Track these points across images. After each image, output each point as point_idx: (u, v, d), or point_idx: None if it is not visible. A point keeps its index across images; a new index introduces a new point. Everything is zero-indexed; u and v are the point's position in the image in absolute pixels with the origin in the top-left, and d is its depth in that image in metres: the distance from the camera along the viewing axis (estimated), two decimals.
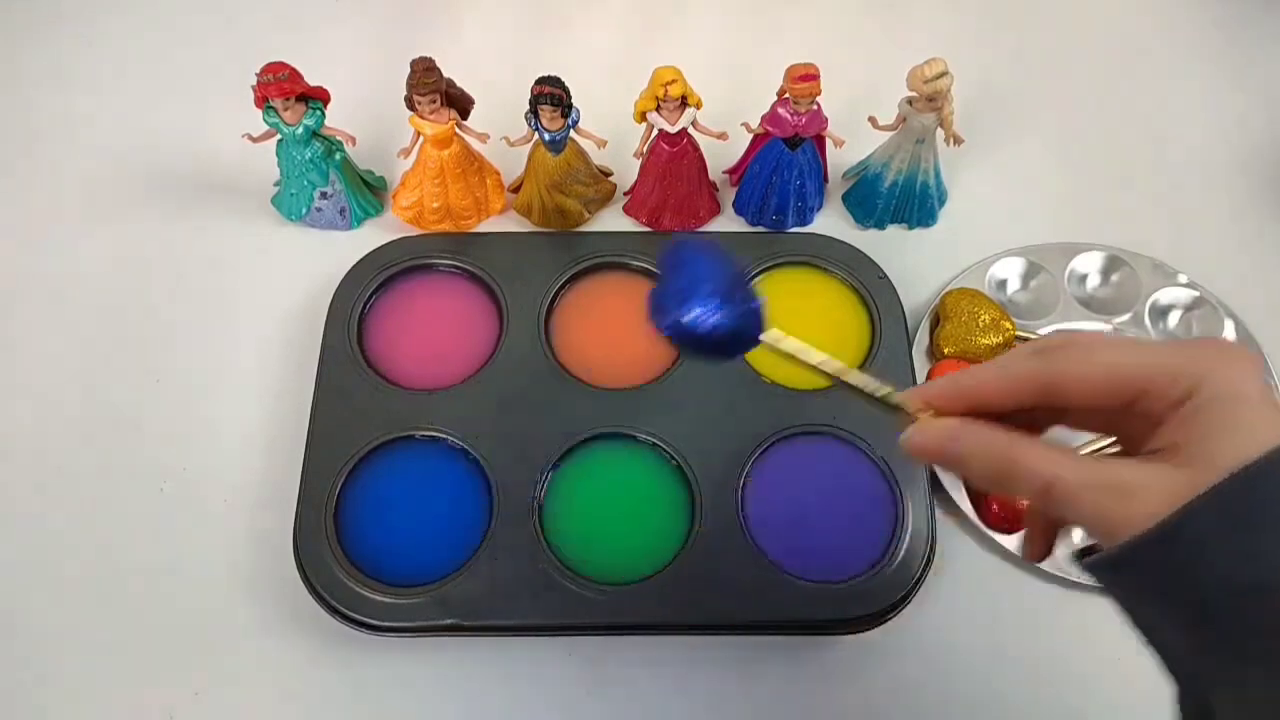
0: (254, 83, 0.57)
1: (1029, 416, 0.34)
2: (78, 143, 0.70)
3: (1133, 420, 0.32)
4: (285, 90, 0.57)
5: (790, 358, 0.38)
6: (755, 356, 0.58)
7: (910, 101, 0.59)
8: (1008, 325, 0.59)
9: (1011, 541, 0.55)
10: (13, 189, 0.68)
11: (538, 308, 0.60)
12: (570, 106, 0.58)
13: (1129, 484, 0.31)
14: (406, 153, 0.61)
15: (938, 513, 0.55)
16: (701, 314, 0.37)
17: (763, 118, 0.60)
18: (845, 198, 0.67)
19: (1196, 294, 0.62)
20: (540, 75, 0.57)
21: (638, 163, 0.63)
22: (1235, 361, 0.31)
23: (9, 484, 0.57)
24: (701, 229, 0.65)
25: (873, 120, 0.61)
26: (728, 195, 0.66)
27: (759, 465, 0.55)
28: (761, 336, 0.38)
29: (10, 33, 0.75)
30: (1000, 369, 0.34)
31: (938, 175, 0.64)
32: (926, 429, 0.35)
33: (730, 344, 0.38)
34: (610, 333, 0.60)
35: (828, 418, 0.56)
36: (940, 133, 0.61)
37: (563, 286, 0.61)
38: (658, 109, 0.58)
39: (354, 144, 0.62)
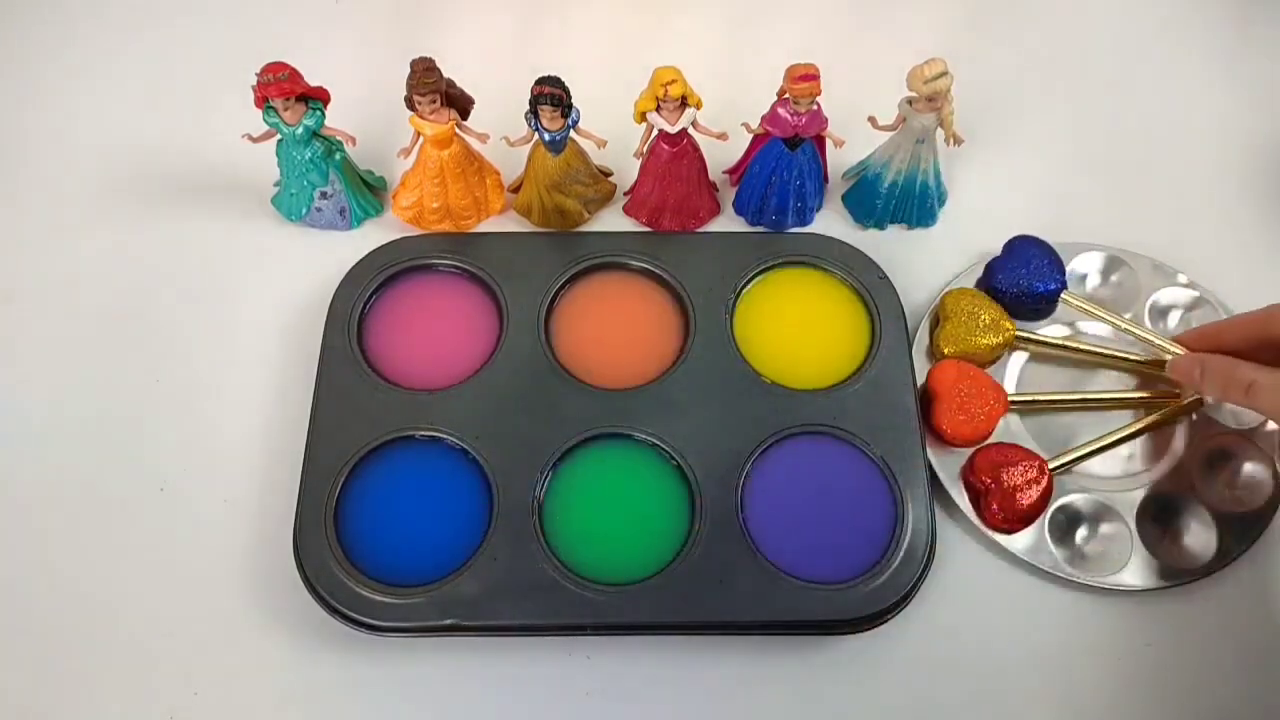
0: (254, 83, 0.57)
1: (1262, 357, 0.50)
2: (77, 142, 0.69)
3: None
4: (285, 90, 0.57)
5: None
6: (755, 356, 0.58)
7: (910, 101, 0.59)
8: (1008, 325, 0.59)
9: (1011, 541, 0.55)
10: (12, 189, 0.68)
11: (538, 308, 0.60)
12: (570, 106, 0.58)
13: None
14: (406, 153, 0.61)
15: (938, 513, 0.55)
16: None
17: (762, 118, 0.60)
18: (845, 198, 0.67)
19: (1196, 294, 0.62)
20: (540, 75, 0.57)
21: (638, 163, 0.63)
22: None
23: (9, 484, 0.57)
24: (701, 229, 0.65)
25: (873, 120, 0.61)
26: (728, 195, 0.66)
27: (759, 465, 0.55)
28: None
29: (9, 32, 0.75)
30: (1230, 322, 0.55)
31: (938, 175, 0.64)
32: (1181, 360, 0.55)
33: None
34: (610, 333, 0.60)
35: (828, 418, 0.56)
36: (940, 133, 0.61)
37: (563, 286, 0.61)
38: (658, 109, 0.58)
39: (354, 144, 0.62)
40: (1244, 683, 0.53)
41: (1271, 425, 0.57)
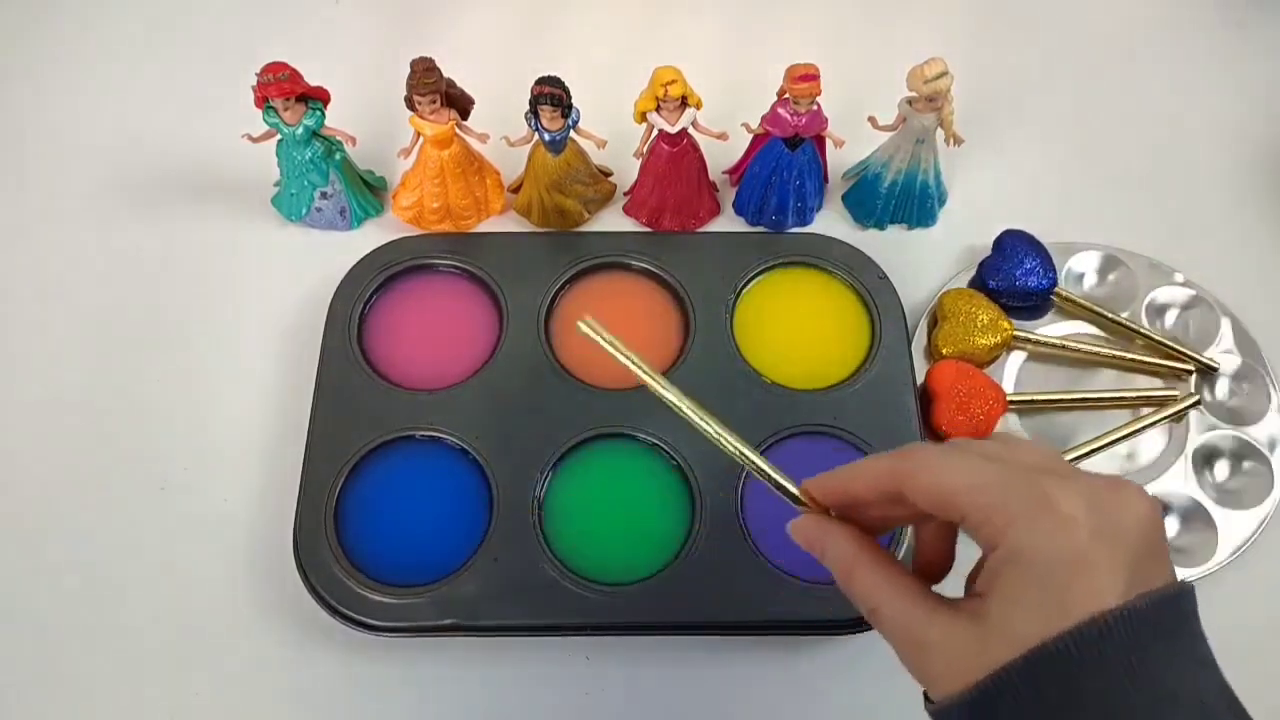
0: (254, 83, 0.57)
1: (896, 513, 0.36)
2: (77, 142, 0.69)
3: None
4: (285, 90, 0.57)
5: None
6: (755, 356, 0.58)
7: (910, 101, 0.59)
8: (1005, 325, 0.59)
9: None
10: (12, 189, 0.68)
11: (538, 308, 0.60)
12: (570, 106, 0.58)
13: (926, 641, 0.32)
14: (406, 153, 0.61)
15: None
16: None
17: (763, 118, 0.60)
18: (845, 198, 0.67)
19: (1193, 293, 0.62)
20: (540, 75, 0.57)
21: (638, 163, 0.63)
22: (1046, 514, 0.30)
23: (9, 484, 0.57)
24: (701, 229, 0.65)
25: (873, 120, 0.61)
26: (728, 195, 0.66)
27: None
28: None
29: (9, 32, 0.75)
30: (859, 468, 0.37)
31: (937, 175, 0.64)
32: (805, 526, 0.38)
33: None
34: (611, 332, 0.60)
35: (828, 418, 0.56)
36: (940, 133, 0.61)
37: (563, 286, 0.61)
38: (658, 109, 0.58)
39: (354, 144, 0.62)
40: (1244, 683, 0.52)
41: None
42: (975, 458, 0.33)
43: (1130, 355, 0.60)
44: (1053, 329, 0.61)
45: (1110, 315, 0.61)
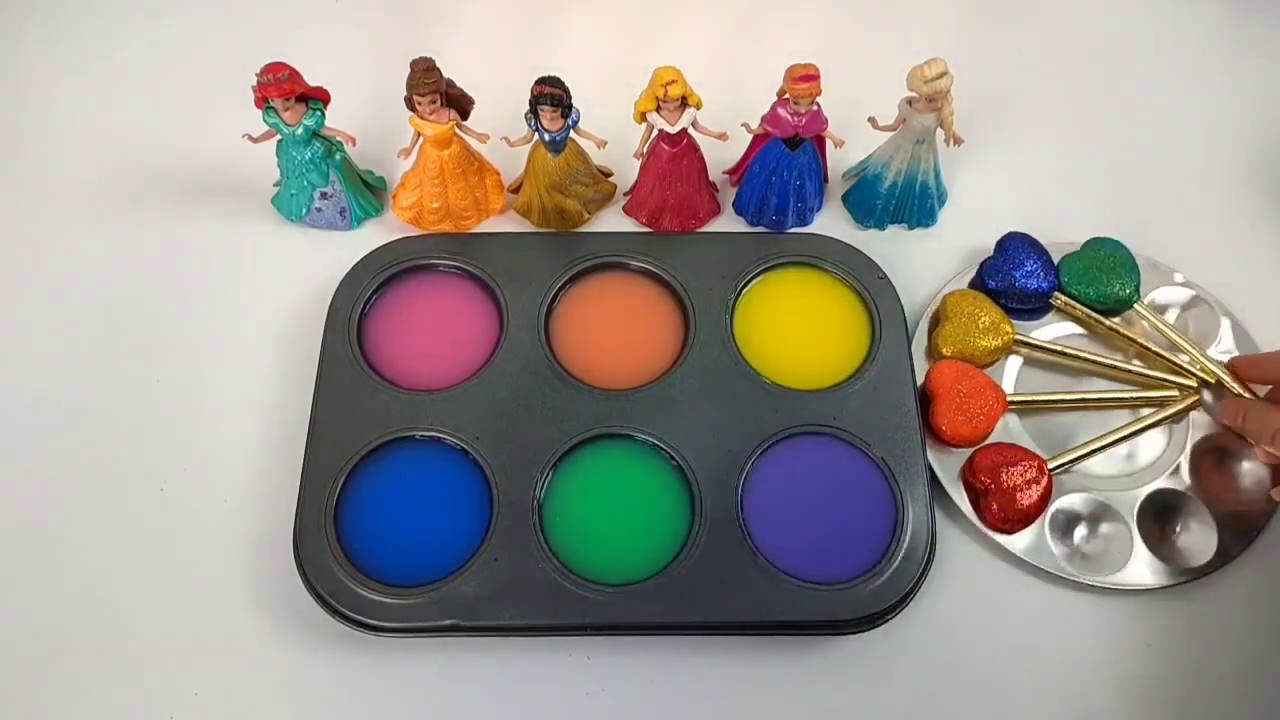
0: (254, 83, 0.57)
1: None
2: (77, 142, 0.69)
3: None
4: (285, 90, 0.57)
5: None
6: (755, 356, 0.58)
7: (910, 102, 0.59)
8: (1007, 329, 0.59)
9: (1012, 541, 0.55)
10: (12, 189, 0.68)
11: (538, 308, 0.60)
12: (570, 107, 0.58)
13: None
14: (406, 153, 0.61)
15: (938, 513, 0.55)
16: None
17: (763, 118, 0.60)
18: (845, 198, 0.67)
19: (1193, 293, 0.62)
20: (540, 75, 0.57)
21: (638, 163, 0.63)
22: None
23: (9, 484, 0.57)
24: (702, 229, 0.65)
25: (873, 120, 0.61)
26: (728, 195, 0.66)
27: (759, 465, 0.55)
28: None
29: (9, 32, 0.75)
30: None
31: (938, 175, 0.64)
32: (1228, 404, 0.57)
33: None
34: (610, 333, 0.60)
35: (828, 418, 0.56)
36: (940, 133, 0.61)
37: (563, 287, 0.61)
38: (658, 109, 0.58)
39: (354, 144, 0.62)
40: (1244, 682, 0.53)
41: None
42: None
43: (1127, 366, 0.60)
44: (1052, 330, 0.61)
45: (1108, 324, 0.60)
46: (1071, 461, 0.57)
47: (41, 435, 0.58)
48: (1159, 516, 0.56)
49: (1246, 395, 0.57)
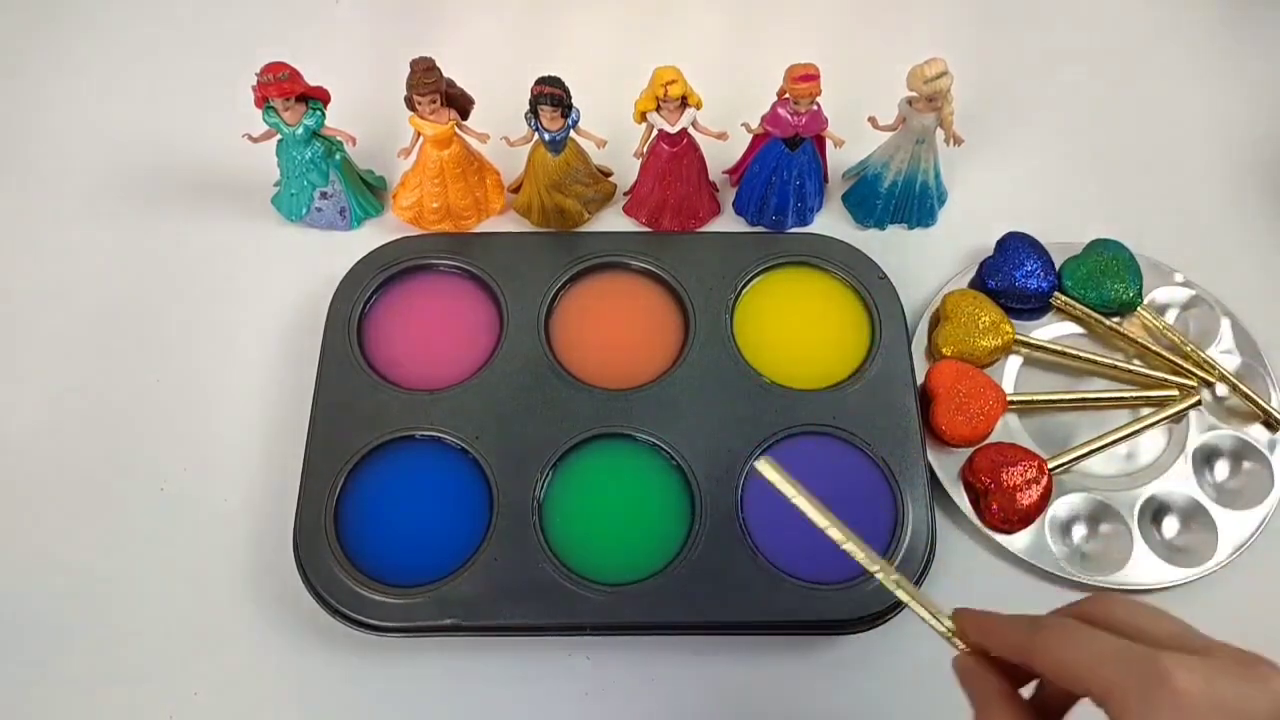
0: (254, 83, 0.57)
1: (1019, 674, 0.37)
2: (77, 142, 0.69)
3: None
4: (285, 90, 0.57)
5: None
6: (755, 356, 0.58)
7: (910, 101, 0.59)
8: (1007, 329, 0.59)
9: (1011, 541, 0.55)
10: (12, 188, 0.68)
11: (538, 308, 0.60)
12: (570, 106, 0.58)
13: None
14: (406, 153, 0.61)
15: (938, 512, 0.55)
16: None
17: (763, 118, 0.60)
18: (845, 198, 0.67)
19: (1193, 293, 0.62)
20: (540, 75, 0.57)
21: (638, 163, 0.63)
22: (1161, 692, 0.30)
23: (9, 484, 0.57)
24: (701, 229, 0.65)
25: (873, 120, 0.61)
26: (728, 195, 0.66)
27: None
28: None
29: (10, 32, 0.75)
30: (995, 631, 0.37)
31: (938, 175, 0.64)
32: (963, 666, 0.39)
33: None
34: (610, 333, 0.60)
35: (828, 418, 0.56)
36: (940, 133, 0.61)
37: (563, 286, 0.61)
38: (658, 109, 0.58)
39: (354, 144, 0.62)
40: None
41: None
42: (1101, 635, 0.33)
43: (1127, 366, 0.60)
44: (1052, 329, 0.61)
45: (1108, 324, 0.60)
46: (1071, 461, 0.57)
47: (41, 435, 0.58)
48: (1159, 517, 0.56)
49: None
